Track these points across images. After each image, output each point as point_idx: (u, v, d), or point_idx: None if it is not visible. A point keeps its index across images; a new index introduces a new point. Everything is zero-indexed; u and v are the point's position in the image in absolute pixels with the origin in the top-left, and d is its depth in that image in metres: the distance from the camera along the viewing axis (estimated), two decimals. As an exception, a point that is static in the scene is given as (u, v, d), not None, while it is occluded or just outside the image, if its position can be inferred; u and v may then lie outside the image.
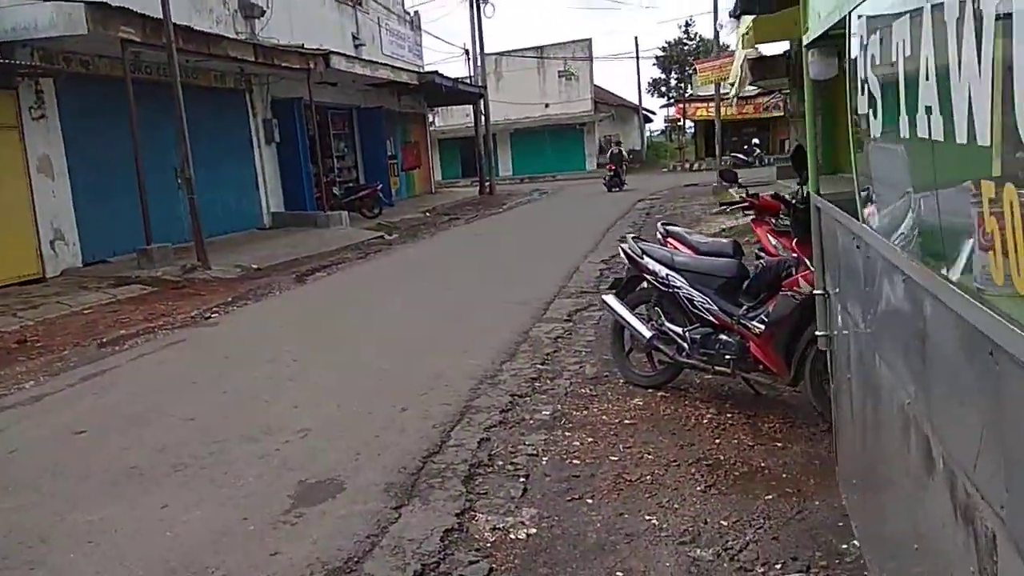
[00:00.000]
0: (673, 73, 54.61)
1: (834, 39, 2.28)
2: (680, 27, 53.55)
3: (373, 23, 22.34)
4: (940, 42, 1.16)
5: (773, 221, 4.97)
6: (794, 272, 4.25)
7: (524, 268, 10.53)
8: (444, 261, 12.08)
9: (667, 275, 4.79)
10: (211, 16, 15.50)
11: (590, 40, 40.12)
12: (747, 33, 14.40)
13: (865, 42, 1.65)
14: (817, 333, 2.69)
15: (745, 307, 4.49)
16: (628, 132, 46.18)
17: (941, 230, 1.27)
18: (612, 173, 25.07)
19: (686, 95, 43.87)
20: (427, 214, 20.05)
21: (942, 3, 1.15)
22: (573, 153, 39.75)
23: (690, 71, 49.76)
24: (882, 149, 1.61)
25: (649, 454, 3.98)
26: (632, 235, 5.29)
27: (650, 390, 4.97)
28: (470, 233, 16.29)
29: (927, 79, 1.22)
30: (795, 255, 4.29)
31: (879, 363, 1.81)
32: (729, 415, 4.46)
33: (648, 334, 4.85)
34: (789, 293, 4.18)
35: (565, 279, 9.11)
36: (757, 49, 14.03)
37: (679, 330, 4.72)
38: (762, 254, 4.97)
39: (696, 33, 53.38)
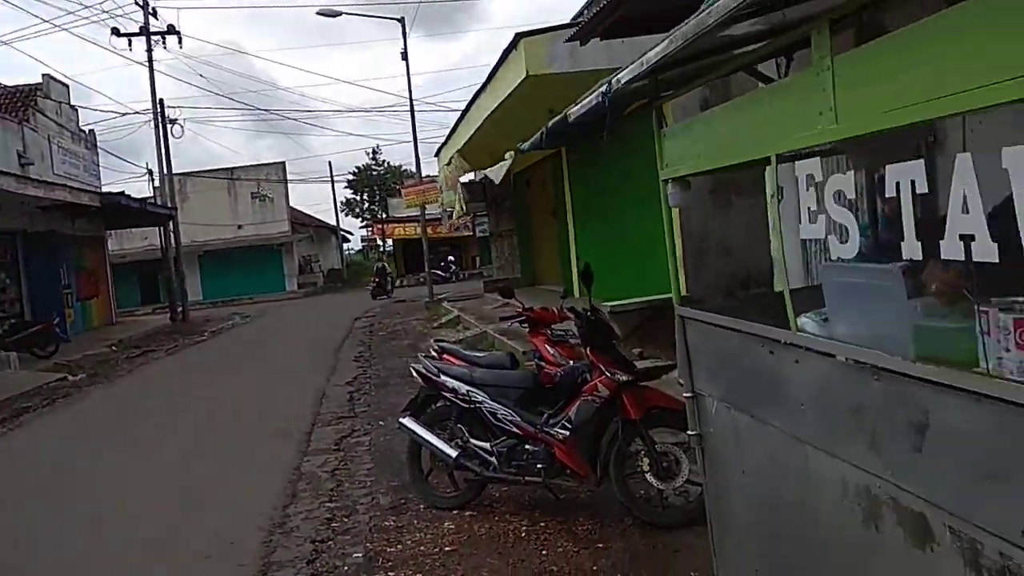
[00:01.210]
0: (365, 195, 56.46)
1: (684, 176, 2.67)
2: (368, 154, 55.74)
3: (43, 140, 19.83)
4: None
5: (548, 331, 5.31)
6: (589, 378, 4.58)
7: (264, 397, 9.74)
8: (159, 399, 10.65)
9: (468, 391, 4.83)
10: None
11: (284, 163, 40.11)
12: (449, 163, 15.57)
13: (816, 179, 1.96)
14: (688, 432, 2.93)
15: (545, 415, 4.69)
16: (327, 252, 46.27)
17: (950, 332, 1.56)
18: (376, 284, 28.35)
19: (382, 216, 45.51)
20: (115, 348, 17.69)
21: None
22: (271, 274, 38.51)
23: (381, 193, 51.93)
24: (851, 269, 1.91)
25: (487, 579, 3.87)
26: (424, 355, 5.25)
27: (455, 511, 4.87)
28: (178, 365, 14.70)
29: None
30: (586, 362, 4.63)
31: (809, 456, 2.05)
32: (542, 524, 4.55)
33: (454, 453, 4.81)
34: (589, 398, 4.48)
35: (315, 405, 8.63)
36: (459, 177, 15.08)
37: (486, 445, 4.76)
38: (541, 363, 5.25)
39: (384, 160, 56.24)
